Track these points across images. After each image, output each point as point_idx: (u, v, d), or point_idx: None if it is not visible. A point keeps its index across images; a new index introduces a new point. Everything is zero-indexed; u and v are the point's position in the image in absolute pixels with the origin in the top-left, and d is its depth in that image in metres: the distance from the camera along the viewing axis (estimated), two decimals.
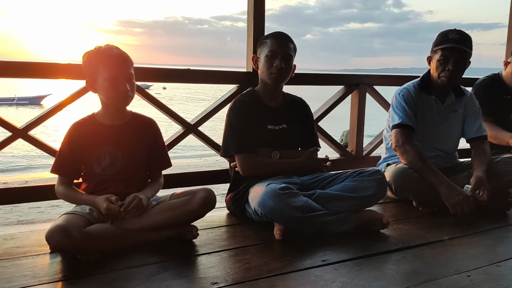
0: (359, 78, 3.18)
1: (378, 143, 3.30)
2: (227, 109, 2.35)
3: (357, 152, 3.21)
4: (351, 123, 3.23)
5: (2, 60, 2.13)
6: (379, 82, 3.33)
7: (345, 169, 2.31)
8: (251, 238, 2.02)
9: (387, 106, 3.18)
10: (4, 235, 1.95)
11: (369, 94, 3.23)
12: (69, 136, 1.94)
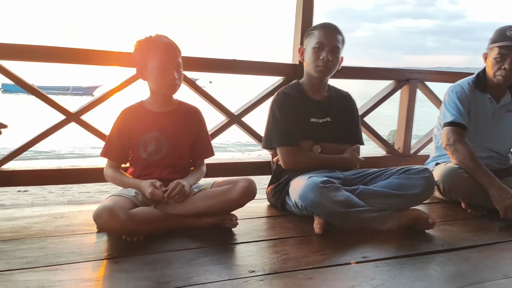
0: (410, 73, 3.08)
1: (427, 142, 3.19)
2: (271, 100, 2.35)
3: (404, 150, 3.11)
4: (399, 119, 3.13)
5: (59, 46, 2.22)
6: (431, 78, 3.21)
7: (391, 167, 2.25)
8: (290, 231, 2.01)
9: (438, 104, 3.07)
10: (55, 213, 2.05)
11: (420, 90, 3.12)
12: (118, 122, 2.01)
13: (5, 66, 2.15)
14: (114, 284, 1.43)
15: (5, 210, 2.11)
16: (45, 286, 1.38)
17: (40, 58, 2.21)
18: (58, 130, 2.30)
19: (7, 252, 1.61)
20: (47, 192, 5.69)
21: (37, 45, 2.18)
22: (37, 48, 2.19)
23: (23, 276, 1.44)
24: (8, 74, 2.17)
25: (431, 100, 3.22)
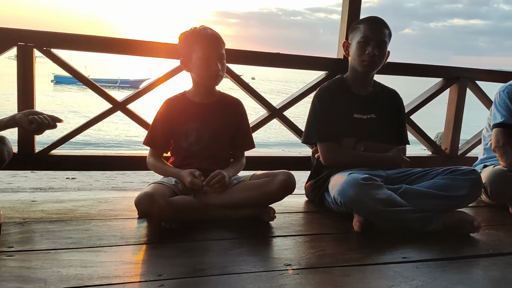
0: (460, 71, 2.95)
1: (475, 143, 3.06)
2: (313, 95, 2.32)
3: (451, 150, 3.00)
4: (447, 119, 3.02)
5: (109, 36, 2.29)
6: (482, 77, 3.06)
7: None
8: (328, 227, 1.98)
9: (489, 104, 2.93)
10: (99, 198, 2.13)
11: (470, 89, 2.99)
12: (161, 111, 2.05)
13: (61, 57, 2.24)
14: (152, 268, 1.47)
15: (53, 193, 2.21)
16: (87, 266, 1.43)
17: (91, 48, 2.29)
18: (105, 117, 2.38)
19: (54, 232, 1.68)
20: (93, 180, 5.90)
21: (88, 35, 2.27)
22: (89, 37, 2.27)
23: (67, 255, 1.50)
24: (63, 65, 2.26)
25: (481, 100, 3.08)
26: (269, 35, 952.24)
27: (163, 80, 2.41)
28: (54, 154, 2.26)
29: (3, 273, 1.35)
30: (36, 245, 1.56)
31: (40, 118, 1.76)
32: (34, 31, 2.16)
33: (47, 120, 1.76)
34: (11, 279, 1.31)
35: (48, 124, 1.76)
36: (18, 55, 2.13)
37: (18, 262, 1.42)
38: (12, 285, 1.28)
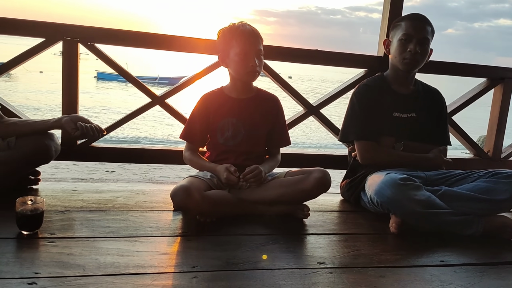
0: (505, 72, 2.83)
1: None
2: (351, 93, 2.28)
3: (494, 153, 2.88)
4: (490, 120, 2.90)
5: (150, 32, 2.34)
6: None
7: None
8: (363, 227, 1.95)
9: None
10: (137, 190, 2.18)
11: None
12: (199, 106, 2.07)
13: (105, 52, 2.31)
14: (186, 259, 1.49)
15: (93, 183, 2.28)
16: (124, 255, 1.47)
17: (133, 43, 2.34)
18: (144, 111, 2.42)
19: (93, 221, 1.73)
20: (131, 174, 6.06)
21: (130, 31, 2.32)
22: (131, 33, 2.32)
23: (105, 244, 1.54)
24: (106, 60, 2.33)
25: None
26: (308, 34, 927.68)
27: (201, 75, 2.43)
28: (95, 146, 2.33)
29: (44, 258, 1.40)
30: (76, 233, 1.62)
31: (86, 128, 1.83)
32: (79, 26, 2.24)
33: (92, 131, 1.84)
34: (52, 264, 1.36)
35: (92, 135, 1.85)
36: (63, 49, 2.20)
37: (58, 248, 1.47)
38: (53, 270, 1.33)
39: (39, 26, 2.18)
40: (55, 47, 2.33)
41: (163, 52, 2.48)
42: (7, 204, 1.60)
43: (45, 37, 2.19)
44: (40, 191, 2.04)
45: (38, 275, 1.29)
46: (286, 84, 2.56)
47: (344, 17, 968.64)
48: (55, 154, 1.93)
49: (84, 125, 1.85)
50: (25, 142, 1.85)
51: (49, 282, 1.26)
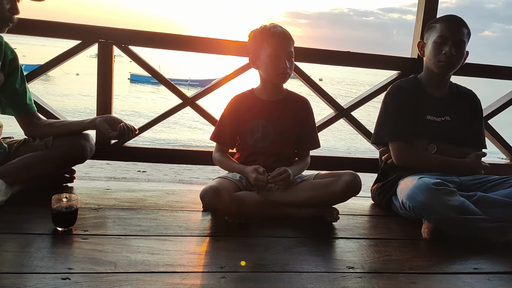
0: None
1: None
2: (384, 94, 2.24)
3: None
4: None
5: (182, 34, 2.37)
6: None
7: None
8: (395, 232, 1.91)
9: None
10: (167, 190, 2.21)
11: None
12: (229, 108, 2.08)
13: (138, 54, 2.36)
14: (214, 259, 1.49)
15: (126, 182, 2.33)
16: (154, 253, 1.49)
17: (166, 45, 2.38)
18: (175, 112, 2.46)
19: (124, 219, 1.77)
20: (162, 174, 6.17)
21: (163, 33, 2.37)
22: (164, 35, 2.36)
23: (136, 242, 1.57)
24: (140, 61, 2.37)
25: None
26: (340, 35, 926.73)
27: (231, 77, 2.45)
28: (128, 146, 2.38)
29: (78, 254, 1.44)
30: (109, 230, 1.65)
31: (124, 129, 1.87)
32: (114, 28, 2.29)
33: (128, 135, 1.91)
34: (85, 261, 1.40)
35: (127, 137, 1.90)
36: (98, 51, 2.26)
37: (91, 245, 1.51)
38: (85, 266, 1.36)
39: (76, 29, 2.25)
40: (91, 50, 2.39)
41: (194, 54, 2.51)
42: (44, 201, 1.66)
43: (81, 39, 2.25)
44: (75, 189, 2.09)
45: (71, 271, 1.33)
46: (316, 86, 2.54)
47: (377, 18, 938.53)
48: (90, 154, 1.98)
49: (123, 127, 1.89)
50: (62, 142, 1.91)
51: (81, 277, 1.30)
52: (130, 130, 1.93)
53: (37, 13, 2.00)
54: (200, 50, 2.39)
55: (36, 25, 2.19)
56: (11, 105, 1.93)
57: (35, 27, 2.19)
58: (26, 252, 1.41)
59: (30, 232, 1.56)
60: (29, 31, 2.18)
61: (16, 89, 1.90)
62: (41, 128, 1.97)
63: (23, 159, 1.84)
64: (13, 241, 1.48)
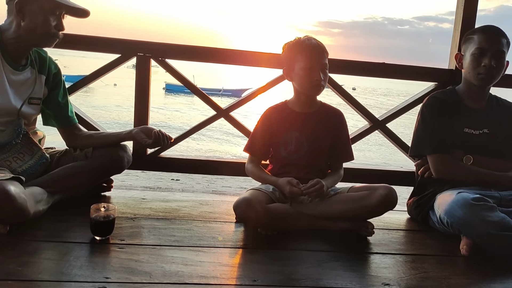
0: None
1: None
2: (420, 105, 2.20)
3: None
4: None
5: (215, 47, 2.42)
6: None
7: None
8: (432, 248, 1.86)
9: None
10: (200, 200, 2.23)
11: None
12: (263, 120, 2.10)
13: (174, 66, 2.42)
14: (247, 272, 1.50)
15: (161, 192, 2.38)
16: (188, 264, 1.51)
17: (200, 58, 2.43)
18: (209, 124, 2.50)
19: (159, 229, 1.80)
20: (195, 183, 6.24)
21: (198, 46, 2.42)
22: (198, 48, 2.42)
23: (170, 252, 1.59)
24: (175, 74, 2.43)
25: None
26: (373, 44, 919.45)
27: (265, 89, 2.46)
28: (163, 156, 2.43)
29: (114, 263, 1.48)
30: (144, 240, 1.69)
31: (159, 136, 1.92)
32: (152, 42, 2.36)
33: (163, 139, 1.94)
34: (121, 270, 1.43)
35: (164, 145, 1.95)
36: (137, 65, 2.33)
37: (127, 255, 1.54)
38: (122, 275, 1.40)
39: (116, 43, 2.33)
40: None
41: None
42: (83, 210, 1.71)
43: (121, 53, 2.33)
44: (112, 198, 2.15)
45: (108, 280, 1.36)
46: (350, 98, 2.52)
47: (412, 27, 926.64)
48: (127, 165, 2.04)
49: (158, 133, 1.94)
50: (101, 153, 1.98)
51: (118, 287, 1.33)
52: (165, 138, 1.96)
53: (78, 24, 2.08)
54: (233, 62, 2.43)
55: (79, 40, 2.28)
56: (54, 117, 2.01)
57: (78, 41, 2.29)
58: (66, 260, 1.46)
59: (70, 241, 1.61)
60: (72, 46, 2.27)
61: (58, 102, 1.98)
62: (82, 139, 2.05)
63: (64, 169, 1.91)
64: (54, 249, 1.54)
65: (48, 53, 1.96)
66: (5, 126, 1.79)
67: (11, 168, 1.78)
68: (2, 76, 1.75)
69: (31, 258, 1.46)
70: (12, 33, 1.75)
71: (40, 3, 1.73)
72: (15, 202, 1.54)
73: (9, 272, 1.35)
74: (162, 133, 1.96)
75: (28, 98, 1.85)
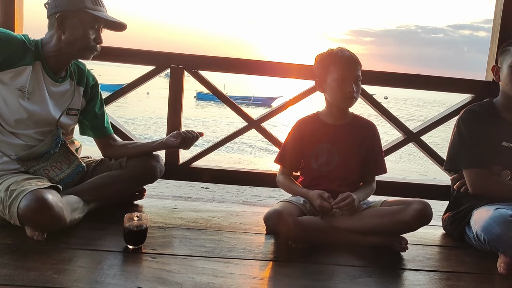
0: None
1: None
2: (457, 118, 2.14)
3: None
4: None
5: (246, 58, 2.44)
6: None
7: None
8: (468, 265, 1.80)
9: None
10: (231, 211, 2.24)
11: None
12: (294, 131, 2.09)
13: (206, 77, 2.45)
14: (277, 286, 1.49)
15: (191, 202, 2.40)
16: (218, 276, 1.51)
17: (231, 69, 2.46)
18: (241, 135, 2.51)
19: (190, 239, 1.82)
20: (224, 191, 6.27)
21: (229, 58, 2.44)
22: (230, 60, 2.44)
23: (201, 263, 1.60)
24: (207, 84, 2.47)
25: None
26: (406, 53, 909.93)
27: (296, 100, 2.46)
28: (194, 166, 2.46)
29: (146, 273, 1.50)
30: (175, 250, 1.70)
31: (184, 133, 1.96)
32: (185, 54, 2.40)
33: (191, 134, 1.96)
34: (152, 280, 1.45)
35: (192, 137, 1.96)
36: (170, 76, 2.38)
37: (159, 264, 1.56)
38: (153, 285, 1.41)
39: (151, 55, 2.39)
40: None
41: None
42: (116, 219, 1.75)
43: (155, 65, 2.38)
44: (144, 207, 2.19)
45: None
46: (382, 109, 2.48)
47: (446, 35, 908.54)
48: (159, 175, 2.07)
49: (184, 133, 1.97)
50: (135, 162, 2.02)
51: None
52: (194, 137, 1.99)
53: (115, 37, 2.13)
54: (264, 73, 2.45)
55: (116, 52, 2.35)
56: (91, 128, 2.07)
57: (116, 54, 2.35)
58: (100, 268, 1.49)
59: (103, 249, 1.64)
60: (109, 58, 2.33)
61: (95, 113, 2.04)
62: (116, 149, 2.10)
63: (99, 178, 1.96)
64: (88, 257, 1.57)
65: (86, 66, 2.03)
66: (44, 136, 1.85)
67: (49, 176, 1.84)
68: (42, 88, 1.82)
69: (66, 265, 1.50)
70: (53, 46, 1.82)
71: (80, 17, 1.79)
72: (52, 210, 1.58)
73: (46, 279, 1.38)
74: (189, 132, 1.99)
75: (66, 109, 1.91)
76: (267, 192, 6.21)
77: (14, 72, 1.75)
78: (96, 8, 1.81)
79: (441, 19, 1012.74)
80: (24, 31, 2.30)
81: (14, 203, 1.60)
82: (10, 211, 1.62)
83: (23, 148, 1.80)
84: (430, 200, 1.94)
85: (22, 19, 2.32)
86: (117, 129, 2.35)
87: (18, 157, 1.79)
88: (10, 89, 1.75)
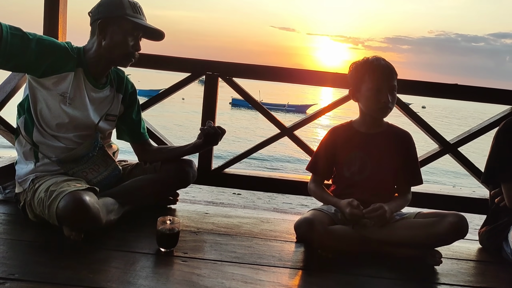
0: None
1: None
2: (496, 130, 2.07)
3: None
4: None
5: (280, 66, 2.46)
6: None
7: None
8: (505, 282, 1.74)
9: None
10: (262, 217, 2.25)
11: None
12: (326, 139, 2.08)
13: (240, 85, 2.48)
14: None
15: (223, 207, 2.42)
16: (247, 282, 1.52)
17: (265, 77, 2.49)
18: (273, 142, 2.52)
19: (221, 244, 1.83)
20: (256, 198, 6.29)
21: (263, 66, 2.49)
22: (263, 68, 2.47)
23: (231, 269, 1.62)
24: (241, 92, 2.50)
25: None
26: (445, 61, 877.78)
27: (329, 108, 2.45)
28: (227, 172, 2.49)
29: (177, 276, 1.52)
30: (206, 255, 1.72)
31: (205, 133, 1.95)
32: (220, 62, 2.45)
33: (213, 129, 1.94)
34: (183, 283, 1.47)
35: (215, 131, 1.94)
36: (205, 83, 2.43)
37: (190, 268, 1.59)
38: None
39: (187, 63, 2.45)
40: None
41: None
42: (150, 221, 1.79)
43: (191, 72, 2.44)
44: (177, 211, 2.23)
45: None
46: (418, 119, 2.44)
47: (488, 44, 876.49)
48: (192, 180, 2.11)
49: (205, 129, 1.95)
50: (168, 167, 2.06)
51: None
52: (216, 131, 1.95)
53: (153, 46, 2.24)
54: (298, 81, 2.46)
55: (153, 60, 2.42)
56: (128, 133, 2.13)
57: (153, 61, 2.43)
58: (132, 270, 1.53)
59: (137, 251, 1.68)
60: (147, 65, 2.41)
61: (133, 119, 2.10)
62: (152, 154, 2.15)
63: (134, 182, 2.02)
64: (122, 258, 1.62)
65: (125, 73, 2.09)
66: (83, 139, 1.92)
67: (87, 178, 1.91)
68: (83, 94, 1.89)
69: (101, 265, 1.54)
70: (94, 51, 1.89)
71: (121, 24, 1.85)
72: (90, 211, 1.64)
73: (81, 278, 1.43)
74: (210, 127, 1.95)
75: (105, 115, 1.98)
76: (299, 200, 6.18)
77: (57, 78, 1.82)
78: (136, 16, 1.87)
79: (482, 27, 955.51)
80: (67, 38, 2.41)
81: (53, 203, 1.67)
82: (50, 211, 1.69)
83: (63, 151, 1.88)
84: (467, 214, 1.89)
85: (65, 27, 2.43)
86: (152, 134, 2.41)
87: (58, 159, 1.87)
88: (52, 94, 1.83)
